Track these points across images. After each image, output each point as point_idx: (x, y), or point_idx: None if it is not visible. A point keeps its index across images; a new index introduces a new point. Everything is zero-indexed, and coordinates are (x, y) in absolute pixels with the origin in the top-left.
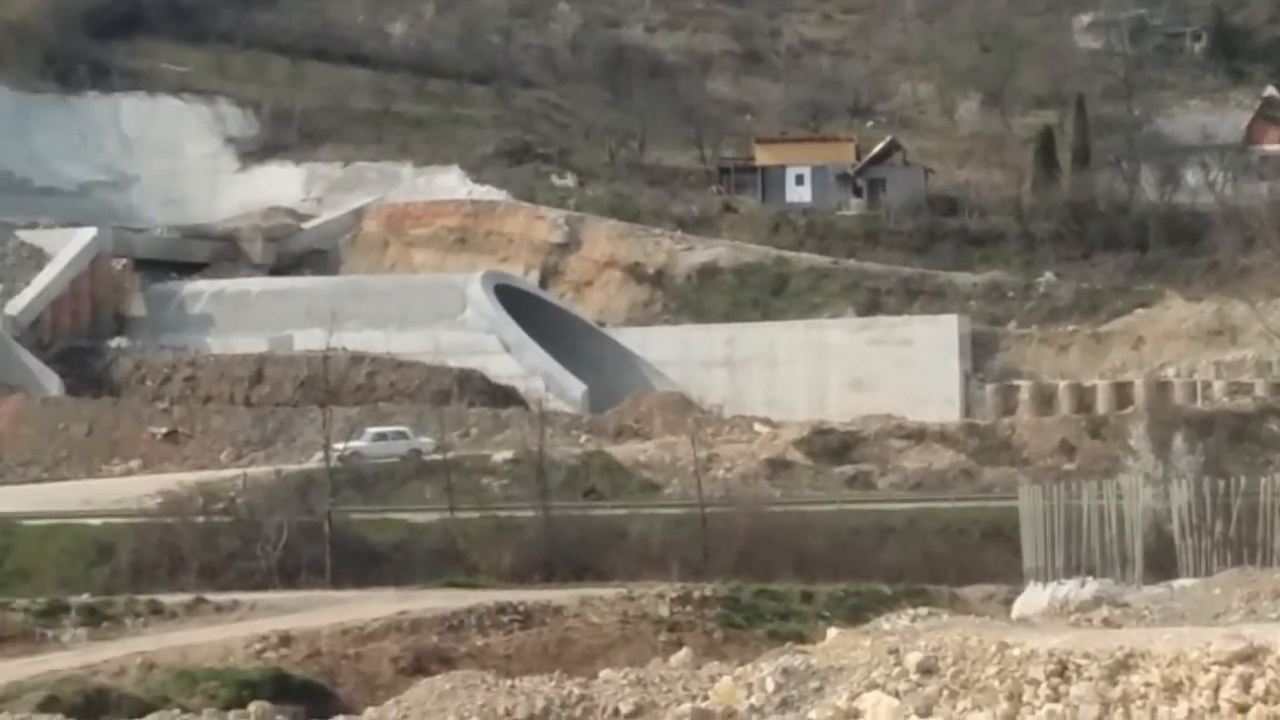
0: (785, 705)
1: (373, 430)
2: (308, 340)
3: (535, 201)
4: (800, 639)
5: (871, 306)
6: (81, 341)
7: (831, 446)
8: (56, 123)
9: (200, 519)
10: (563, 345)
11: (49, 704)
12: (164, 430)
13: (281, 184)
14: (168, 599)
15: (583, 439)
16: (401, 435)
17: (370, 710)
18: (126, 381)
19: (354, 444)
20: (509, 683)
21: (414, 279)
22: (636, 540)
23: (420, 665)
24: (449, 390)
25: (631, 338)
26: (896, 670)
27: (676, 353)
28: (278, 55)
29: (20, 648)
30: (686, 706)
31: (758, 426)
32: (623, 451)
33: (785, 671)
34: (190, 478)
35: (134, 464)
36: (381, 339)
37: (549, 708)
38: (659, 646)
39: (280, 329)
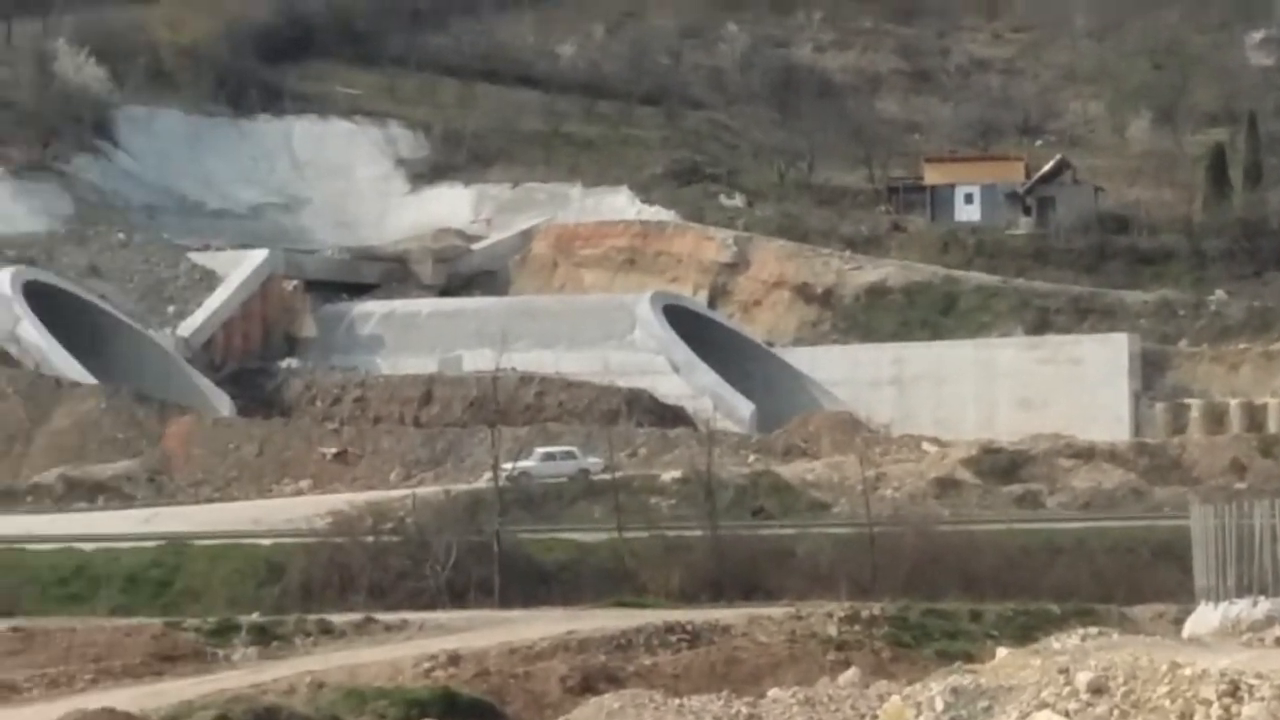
0: None
1: (541, 450)
2: (477, 361)
3: (704, 222)
4: (968, 658)
5: (1041, 325)
6: (252, 363)
7: (1000, 466)
8: (229, 146)
9: (370, 539)
10: (731, 365)
11: None
12: (334, 450)
13: (451, 205)
14: (337, 618)
15: (751, 459)
16: (570, 455)
17: None
18: (297, 402)
19: (522, 464)
20: (677, 702)
21: (583, 299)
22: (804, 559)
23: (588, 684)
24: (617, 410)
25: (800, 357)
26: (1067, 690)
27: (845, 372)
28: (448, 77)
29: (191, 667)
30: None
31: (926, 446)
32: (791, 471)
33: (954, 691)
34: (360, 498)
35: (304, 484)
36: (550, 359)
37: None
38: (827, 666)
39: (450, 349)
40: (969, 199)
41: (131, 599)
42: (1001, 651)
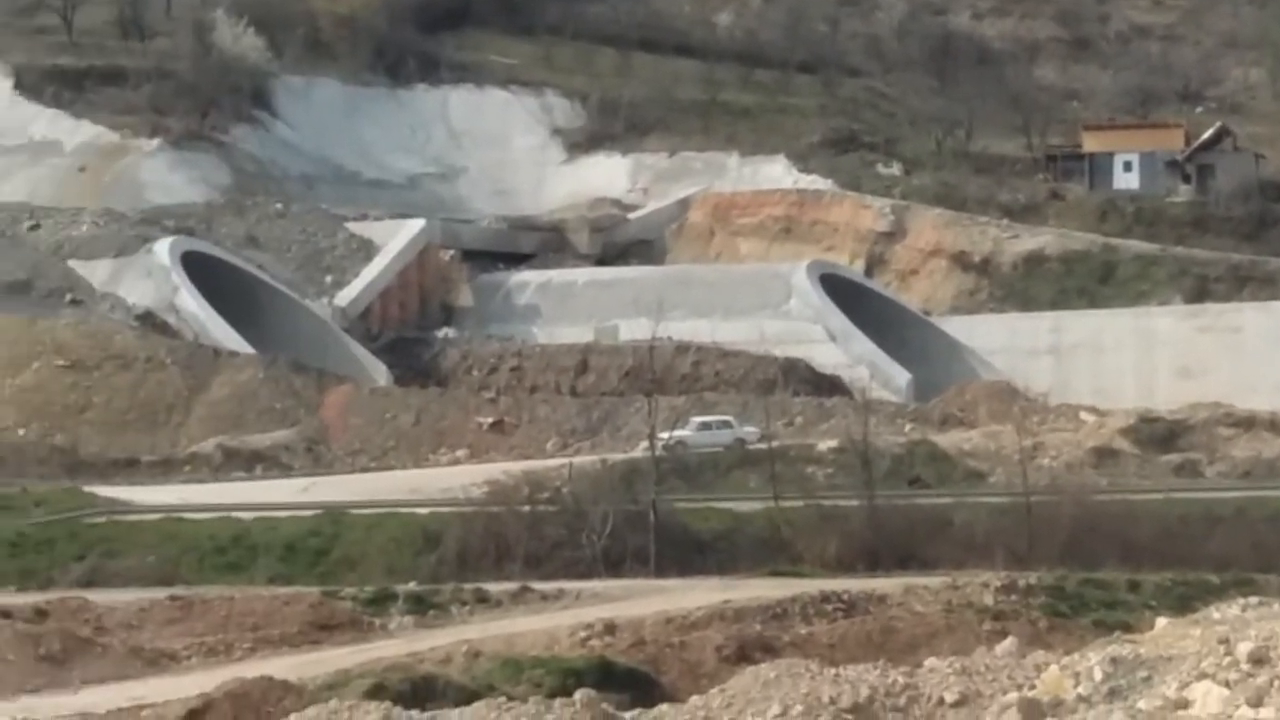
0: (1113, 695)
1: (698, 419)
2: (633, 330)
3: (861, 190)
4: (1126, 628)
5: (1200, 294)
6: (409, 332)
7: (1159, 435)
8: (386, 115)
9: (526, 508)
10: (888, 334)
11: (376, 691)
12: (490, 420)
13: (608, 174)
14: (493, 587)
15: (907, 428)
16: (726, 425)
17: (695, 698)
18: (453, 371)
19: (679, 433)
20: (833, 671)
21: (739, 268)
22: (961, 529)
23: (744, 654)
24: (774, 379)
25: (957, 326)
26: (1227, 660)
27: (1002, 341)
28: (605, 46)
29: (348, 636)
30: (1013, 696)
31: (1084, 415)
32: (947, 440)
33: (1113, 661)
34: (516, 467)
35: (460, 453)
36: (707, 328)
37: (873, 696)
38: (983, 635)
39: (606, 319)
40: (1128, 167)
41: (289, 568)
42: (1160, 621)
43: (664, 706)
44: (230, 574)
